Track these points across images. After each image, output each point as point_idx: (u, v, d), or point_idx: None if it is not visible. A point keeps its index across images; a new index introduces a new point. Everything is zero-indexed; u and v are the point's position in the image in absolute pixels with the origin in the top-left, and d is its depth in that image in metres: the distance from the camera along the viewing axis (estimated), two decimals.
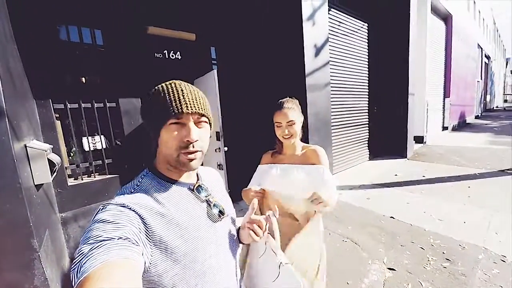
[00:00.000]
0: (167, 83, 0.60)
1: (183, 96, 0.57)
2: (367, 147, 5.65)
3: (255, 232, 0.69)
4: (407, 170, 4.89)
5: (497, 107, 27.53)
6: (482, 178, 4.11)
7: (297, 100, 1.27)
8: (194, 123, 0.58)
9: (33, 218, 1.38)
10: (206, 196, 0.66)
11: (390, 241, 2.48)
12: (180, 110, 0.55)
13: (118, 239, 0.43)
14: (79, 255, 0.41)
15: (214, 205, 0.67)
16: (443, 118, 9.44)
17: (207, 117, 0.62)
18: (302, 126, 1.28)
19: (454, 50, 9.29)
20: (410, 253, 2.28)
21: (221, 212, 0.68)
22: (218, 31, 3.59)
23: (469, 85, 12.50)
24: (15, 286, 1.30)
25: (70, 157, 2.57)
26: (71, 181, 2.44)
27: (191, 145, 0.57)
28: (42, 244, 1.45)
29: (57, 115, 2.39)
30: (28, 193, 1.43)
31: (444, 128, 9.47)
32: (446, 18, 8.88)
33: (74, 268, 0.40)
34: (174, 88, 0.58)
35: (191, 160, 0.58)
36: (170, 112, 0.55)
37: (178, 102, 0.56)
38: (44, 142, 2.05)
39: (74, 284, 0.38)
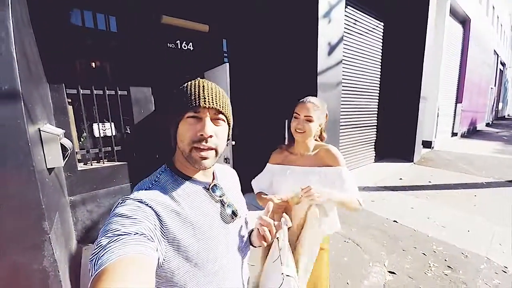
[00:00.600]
0: (192, 80, 0.61)
1: (203, 91, 0.57)
2: (373, 149, 5.60)
3: (264, 236, 0.67)
4: (413, 174, 4.85)
5: (508, 115, 26.88)
6: (489, 187, 4.05)
7: (325, 103, 1.21)
8: (211, 119, 0.58)
9: (45, 200, 1.41)
10: (220, 196, 0.66)
11: (392, 245, 2.48)
12: (197, 104, 0.56)
13: (134, 234, 0.45)
14: (98, 247, 0.43)
15: (228, 205, 0.67)
16: (453, 124, 9.25)
17: (224, 115, 0.61)
18: (322, 130, 1.22)
19: (470, 55, 9.03)
20: (411, 258, 2.28)
21: (234, 213, 0.68)
22: (231, 23, 3.56)
23: (482, 91, 12.20)
24: (25, 266, 1.34)
25: (80, 142, 2.61)
26: (80, 166, 2.49)
27: (204, 140, 0.56)
28: (52, 226, 1.49)
29: (69, 100, 2.42)
30: (41, 176, 1.46)
31: (454, 134, 9.30)
32: (464, 22, 8.61)
33: (92, 259, 0.41)
34: (196, 84, 0.59)
35: (203, 158, 0.57)
36: (188, 105, 0.56)
37: (197, 95, 0.57)
38: (56, 127, 2.08)
39: (92, 275, 0.39)
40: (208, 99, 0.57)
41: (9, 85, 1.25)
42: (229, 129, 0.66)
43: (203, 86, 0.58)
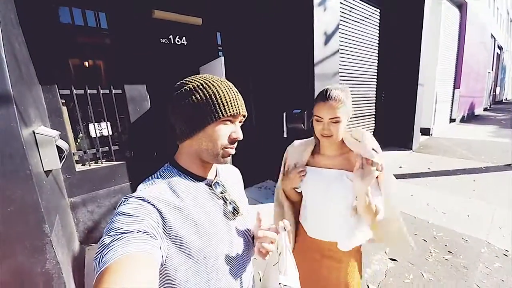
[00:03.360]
0: (215, 80, 0.61)
1: (237, 97, 0.61)
2: None
3: (265, 250, 0.64)
4: (412, 162, 4.87)
5: (506, 99, 26.88)
6: (488, 172, 4.08)
7: (348, 90, 1.00)
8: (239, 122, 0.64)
9: (44, 203, 1.40)
10: (222, 193, 0.67)
11: None
12: (237, 111, 0.59)
13: (137, 232, 0.45)
14: (102, 246, 0.43)
15: (229, 202, 0.67)
16: (451, 110, 9.24)
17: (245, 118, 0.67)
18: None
19: (468, 40, 8.94)
20: (412, 244, 2.30)
21: (236, 210, 0.68)
22: (224, 15, 3.49)
23: (480, 76, 12.14)
24: (28, 270, 1.34)
25: (77, 143, 2.58)
26: (78, 167, 2.47)
27: (236, 142, 0.63)
28: (53, 228, 1.48)
29: (63, 101, 2.38)
30: (38, 179, 1.44)
31: (452, 120, 9.30)
32: (461, 6, 8.48)
33: (97, 258, 0.42)
34: (229, 89, 0.60)
35: (229, 155, 0.63)
36: (227, 111, 0.58)
37: (235, 103, 0.59)
38: (51, 128, 2.05)
39: (96, 272, 0.40)
40: (242, 107, 0.62)
41: (0, 88, 1.22)
42: None
43: (236, 92, 0.61)
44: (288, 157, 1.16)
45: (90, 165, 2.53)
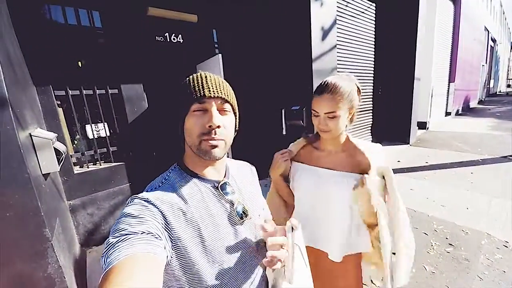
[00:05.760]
0: (194, 74, 0.60)
1: (206, 81, 0.57)
2: (370, 133, 5.62)
3: (273, 259, 0.53)
4: (410, 156, 4.90)
5: (500, 91, 27.18)
6: (484, 164, 4.12)
7: (355, 79, 0.92)
8: (218, 110, 0.57)
9: (44, 207, 1.38)
10: (230, 195, 0.64)
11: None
12: (202, 94, 0.55)
13: (141, 233, 0.45)
14: (107, 246, 0.44)
15: (237, 205, 0.64)
16: (447, 103, 9.32)
17: (231, 104, 0.60)
18: (353, 115, 0.92)
19: (462, 33, 8.99)
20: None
21: (244, 213, 0.64)
22: (220, 12, 3.44)
23: (474, 69, 12.24)
24: (30, 275, 1.32)
25: (74, 145, 2.54)
26: (77, 169, 2.43)
27: (213, 131, 0.55)
28: (54, 232, 1.46)
29: (59, 102, 2.33)
30: (37, 182, 1.42)
31: (447, 114, 9.39)
32: None
33: (103, 257, 0.43)
34: (198, 76, 0.58)
35: (213, 147, 0.56)
36: (193, 97, 0.55)
37: (200, 86, 0.56)
38: (48, 130, 2.01)
39: (102, 272, 0.41)
40: (213, 88, 0.56)
41: None
42: (235, 119, 0.65)
43: (206, 77, 0.58)
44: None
45: (88, 167, 2.49)
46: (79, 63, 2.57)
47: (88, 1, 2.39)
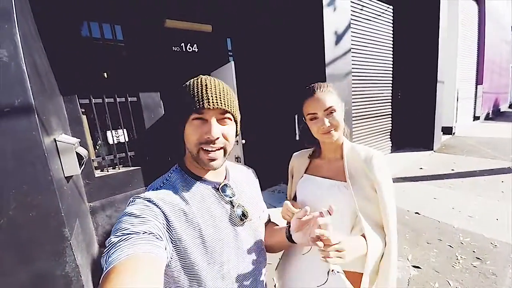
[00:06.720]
0: (194, 78, 0.59)
1: (206, 91, 0.55)
2: (389, 139, 5.40)
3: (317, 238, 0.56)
4: (434, 163, 4.63)
5: None
6: None
7: (331, 84, 0.91)
8: (217, 120, 0.57)
9: (64, 208, 1.46)
10: (230, 197, 0.64)
11: (415, 238, 2.38)
12: (201, 105, 0.54)
13: (143, 233, 0.46)
14: (109, 245, 0.44)
15: (237, 206, 0.65)
16: (475, 107, 8.76)
17: (231, 114, 0.59)
18: (344, 120, 0.87)
19: (488, 33, 8.48)
20: (437, 250, 2.17)
21: (244, 215, 0.65)
22: (234, 21, 3.53)
23: (503, 70, 11.46)
24: (48, 273, 1.38)
25: (96, 150, 2.68)
26: (97, 173, 2.56)
27: (212, 142, 0.55)
28: (73, 232, 1.53)
29: (83, 110, 2.49)
30: (59, 184, 1.50)
31: (476, 118, 8.81)
32: None
33: (104, 256, 0.43)
34: (199, 83, 0.56)
35: (212, 160, 0.57)
36: (192, 108, 0.54)
37: (200, 97, 0.54)
38: (72, 136, 2.14)
39: (103, 271, 0.41)
40: (212, 99, 0.55)
41: (22, 99, 1.28)
42: (236, 126, 0.64)
43: (206, 85, 0.56)
44: (294, 165, 1.06)
45: (108, 171, 2.61)
46: (105, 74, 2.75)
47: (111, 16, 2.56)
